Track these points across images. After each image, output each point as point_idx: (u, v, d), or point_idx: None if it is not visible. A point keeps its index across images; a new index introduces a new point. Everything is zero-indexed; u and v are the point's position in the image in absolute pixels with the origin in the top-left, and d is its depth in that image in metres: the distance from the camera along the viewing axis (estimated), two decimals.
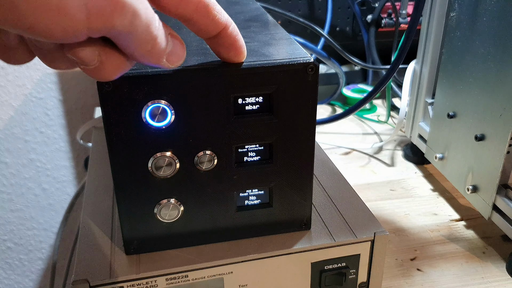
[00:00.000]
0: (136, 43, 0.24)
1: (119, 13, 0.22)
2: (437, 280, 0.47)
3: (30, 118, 0.92)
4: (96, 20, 0.21)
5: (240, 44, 0.30)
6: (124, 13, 0.22)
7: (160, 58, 0.25)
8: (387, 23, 0.82)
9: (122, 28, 0.22)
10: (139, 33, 0.23)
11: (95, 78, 0.25)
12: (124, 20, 0.22)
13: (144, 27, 0.23)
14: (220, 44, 0.29)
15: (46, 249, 1.04)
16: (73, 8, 0.20)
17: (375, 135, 0.75)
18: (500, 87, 0.45)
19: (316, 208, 0.41)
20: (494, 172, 0.47)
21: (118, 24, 0.22)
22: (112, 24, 0.22)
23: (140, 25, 0.23)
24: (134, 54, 0.24)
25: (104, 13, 0.21)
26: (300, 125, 0.34)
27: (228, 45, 0.29)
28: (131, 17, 0.22)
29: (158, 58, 0.25)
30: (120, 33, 0.23)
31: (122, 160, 0.32)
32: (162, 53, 0.25)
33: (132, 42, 0.23)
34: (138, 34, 0.23)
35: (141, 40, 0.23)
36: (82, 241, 0.37)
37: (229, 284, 0.36)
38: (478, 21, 0.48)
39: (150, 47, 0.24)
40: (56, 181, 0.99)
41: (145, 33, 0.23)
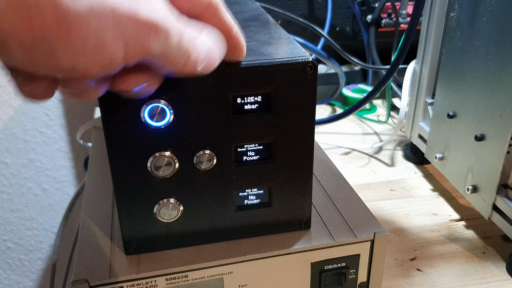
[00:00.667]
0: (170, 62, 0.23)
1: (154, 36, 0.22)
2: (437, 280, 0.47)
3: (30, 118, 0.92)
4: (133, 48, 0.21)
5: (242, 45, 0.30)
6: (158, 35, 0.22)
7: (195, 70, 0.25)
8: (387, 23, 0.82)
9: (157, 51, 0.22)
10: (172, 51, 0.23)
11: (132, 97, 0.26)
12: (159, 42, 0.22)
13: (176, 44, 0.23)
14: None
15: (46, 249, 1.04)
16: (110, 43, 0.20)
17: (375, 135, 0.75)
18: (500, 87, 0.45)
19: (316, 208, 0.41)
20: (494, 172, 0.47)
21: (154, 47, 0.22)
22: (148, 49, 0.22)
23: (173, 42, 0.23)
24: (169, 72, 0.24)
25: (140, 39, 0.21)
26: (299, 124, 0.34)
27: (230, 47, 0.29)
28: (164, 37, 0.22)
29: (193, 70, 0.25)
30: (155, 56, 0.22)
31: (121, 160, 0.32)
32: (196, 64, 0.25)
33: (166, 61, 0.23)
34: (171, 52, 0.23)
35: (174, 57, 0.23)
36: (82, 241, 0.37)
37: (229, 284, 0.36)
38: (478, 21, 0.48)
39: (184, 61, 0.24)
40: (56, 181, 0.99)
41: (177, 49, 0.23)
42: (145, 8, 0.21)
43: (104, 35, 0.20)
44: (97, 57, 0.20)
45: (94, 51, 0.20)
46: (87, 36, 0.19)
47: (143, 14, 0.21)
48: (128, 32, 0.21)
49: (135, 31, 0.21)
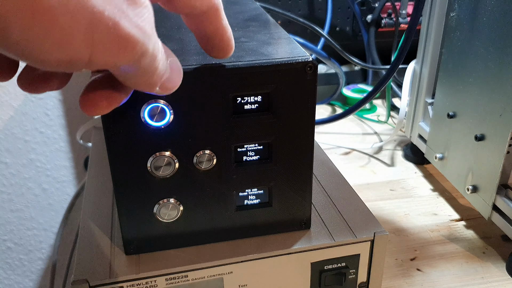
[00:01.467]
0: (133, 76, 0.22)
1: (128, 54, 0.20)
2: (437, 280, 0.47)
3: (30, 118, 0.92)
4: (99, 57, 0.19)
5: (230, 49, 0.29)
6: (134, 54, 0.20)
7: (154, 87, 0.23)
8: (387, 23, 0.82)
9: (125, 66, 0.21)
10: (141, 68, 0.21)
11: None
12: (130, 60, 0.20)
13: (148, 63, 0.21)
14: (212, 45, 0.29)
15: (46, 249, 1.04)
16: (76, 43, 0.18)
17: (375, 135, 0.75)
18: (500, 87, 0.45)
19: (315, 208, 0.41)
20: (494, 172, 0.47)
21: (123, 63, 0.20)
22: (115, 62, 0.20)
23: (145, 62, 0.21)
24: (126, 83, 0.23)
25: (110, 52, 0.19)
26: (299, 124, 0.34)
27: (219, 48, 0.29)
28: (138, 57, 0.20)
29: (152, 87, 0.23)
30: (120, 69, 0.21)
31: (121, 160, 0.32)
32: (158, 82, 0.23)
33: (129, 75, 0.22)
34: (140, 69, 0.21)
35: (140, 74, 0.22)
36: (82, 241, 0.37)
37: (229, 284, 0.36)
38: (478, 21, 0.48)
39: (147, 78, 0.22)
40: (56, 181, 0.99)
41: (147, 67, 0.22)
42: (130, 22, 0.19)
43: (71, 35, 0.18)
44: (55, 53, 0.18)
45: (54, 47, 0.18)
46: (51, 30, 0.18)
47: (125, 28, 0.19)
48: (100, 40, 0.19)
49: (109, 42, 0.19)
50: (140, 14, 0.20)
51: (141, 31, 0.20)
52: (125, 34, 0.19)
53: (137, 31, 0.20)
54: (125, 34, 0.19)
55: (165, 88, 0.24)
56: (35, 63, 0.19)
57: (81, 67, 0.20)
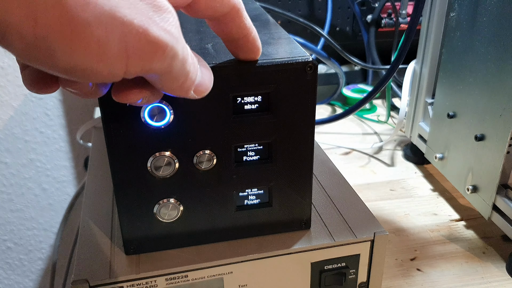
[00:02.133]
0: (169, 81, 0.23)
1: (159, 57, 0.21)
2: (437, 280, 0.47)
3: (30, 118, 0.92)
4: (135, 65, 0.21)
5: (257, 49, 0.30)
6: (165, 57, 0.21)
7: (188, 91, 0.25)
8: (387, 23, 0.82)
9: (160, 71, 0.22)
10: (174, 72, 0.23)
11: None
12: (163, 63, 0.21)
13: (180, 66, 0.23)
14: (239, 47, 0.29)
15: (46, 249, 1.04)
16: (113, 54, 0.20)
17: (375, 135, 0.75)
18: (500, 87, 0.45)
19: (316, 208, 0.41)
20: (494, 172, 0.47)
21: (156, 66, 0.21)
22: (150, 67, 0.21)
23: (176, 65, 0.22)
24: (163, 89, 0.24)
25: (144, 57, 0.21)
26: (299, 124, 0.34)
27: (247, 50, 0.29)
28: (170, 60, 0.22)
29: (187, 91, 0.25)
30: (156, 74, 0.22)
31: (121, 160, 0.32)
32: (191, 86, 0.25)
33: (165, 80, 0.23)
34: (173, 73, 0.23)
35: (174, 78, 0.23)
36: (82, 241, 0.37)
37: (229, 284, 0.36)
38: (478, 21, 0.48)
39: (181, 82, 0.24)
40: (56, 181, 0.99)
41: (179, 71, 0.23)
42: (158, 27, 0.21)
43: (108, 46, 0.19)
44: (96, 65, 0.20)
45: (94, 59, 0.20)
46: (89, 44, 0.19)
47: (154, 33, 0.20)
48: (133, 48, 0.20)
49: (141, 48, 0.20)
50: (165, 19, 0.21)
51: (168, 34, 0.21)
52: (154, 38, 0.20)
53: (165, 35, 0.21)
54: (155, 38, 0.20)
55: (199, 91, 0.26)
56: (78, 77, 0.20)
57: (120, 76, 0.21)
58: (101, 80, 0.21)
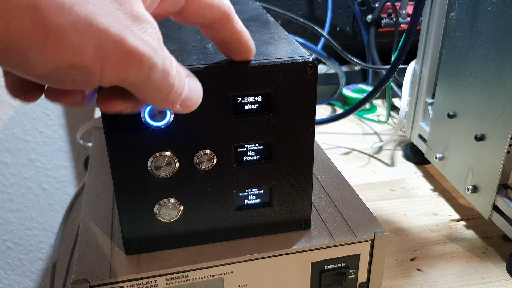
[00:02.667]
0: (149, 93, 0.23)
1: (136, 67, 0.21)
2: (437, 280, 0.47)
3: (30, 118, 0.92)
4: (110, 72, 0.20)
5: (250, 50, 0.30)
6: (141, 67, 0.21)
7: (173, 105, 0.24)
8: (387, 23, 0.82)
9: (137, 81, 0.22)
10: (154, 84, 0.22)
11: None
12: (140, 74, 0.21)
13: (160, 78, 0.22)
14: (232, 50, 0.29)
15: (46, 249, 1.04)
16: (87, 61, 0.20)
17: (375, 135, 0.75)
18: (500, 87, 0.45)
19: (316, 208, 0.41)
20: (494, 172, 0.47)
21: (132, 77, 0.21)
22: (126, 77, 0.21)
23: (156, 77, 0.22)
24: (145, 100, 0.24)
25: (119, 66, 0.20)
26: (299, 124, 0.34)
27: (240, 52, 0.29)
28: (147, 70, 0.21)
29: (171, 105, 0.24)
30: (133, 84, 0.22)
31: (122, 160, 0.32)
32: (177, 100, 0.24)
33: (145, 91, 0.23)
34: (152, 85, 0.22)
35: (155, 90, 0.23)
36: (82, 241, 0.37)
37: (229, 284, 0.36)
38: (478, 21, 0.48)
39: (164, 95, 0.23)
40: (56, 181, 0.99)
41: (160, 83, 0.22)
42: (135, 37, 0.20)
43: (83, 53, 0.19)
44: (70, 72, 0.20)
45: (68, 66, 0.19)
46: (63, 50, 0.19)
47: (130, 43, 0.20)
48: (109, 56, 0.20)
49: (117, 57, 0.20)
50: (144, 29, 0.21)
51: (146, 44, 0.21)
52: (131, 47, 0.20)
53: (142, 45, 0.21)
54: (131, 48, 0.20)
55: (185, 106, 0.25)
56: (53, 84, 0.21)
57: (95, 84, 0.21)
58: (75, 87, 0.21)
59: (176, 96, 0.24)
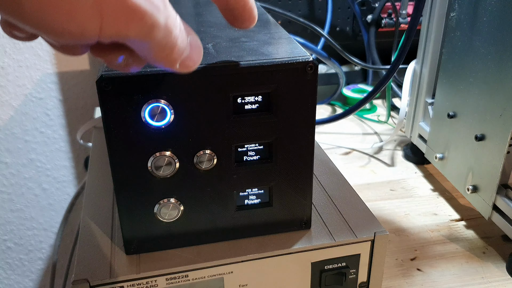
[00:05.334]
0: (151, 51, 0.22)
1: (136, 25, 0.21)
2: (437, 280, 0.47)
3: (30, 118, 0.92)
4: (109, 29, 0.20)
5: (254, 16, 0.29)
6: (142, 24, 0.21)
7: (174, 63, 0.24)
8: (387, 23, 0.82)
9: (137, 38, 0.21)
10: (156, 42, 0.22)
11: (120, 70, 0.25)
12: (141, 31, 0.21)
13: (163, 37, 0.22)
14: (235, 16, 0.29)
15: (46, 249, 1.04)
16: (85, 15, 0.19)
17: (375, 135, 0.75)
18: (500, 87, 0.45)
19: (316, 207, 0.41)
20: (494, 172, 0.47)
21: (133, 34, 0.21)
22: (126, 34, 0.21)
23: (158, 35, 0.22)
24: (147, 58, 0.23)
25: (119, 22, 0.20)
26: (299, 124, 0.34)
27: (243, 19, 0.29)
28: (148, 28, 0.21)
29: (172, 63, 0.24)
30: (134, 41, 0.22)
31: (122, 159, 0.32)
32: (178, 58, 0.24)
33: (147, 49, 0.22)
34: (155, 43, 0.22)
35: (157, 48, 0.22)
36: (82, 241, 0.37)
37: (229, 284, 0.36)
38: (478, 21, 0.48)
39: (166, 54, 0.23)
40: (56, 181, 0.99)
41: (163, 42, 0.22)
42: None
43: (80, 6, 0.19)
44: (67, 25, 0.19)
45: (65, 19, 0.19)
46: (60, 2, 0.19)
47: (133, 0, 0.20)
48: (108, 12, 0.19)
49: (117, 13, 0.20)
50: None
51: (148, 2, 0.21)
52: (132, 4, 0.20)
53: (144, 2, 0.20)
54: (132, 5, 0.20)
55: (185, 66, 0.25)
56: (48, 35, 0.20)
57: (94, 38, 0.20)
58: (73, 40, 0.20)
59: (178, 55, 0.24)
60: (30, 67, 0.88)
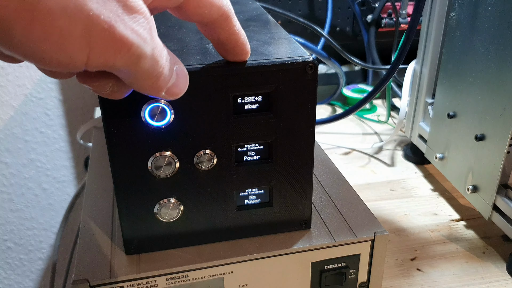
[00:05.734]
0: (138, 79, 0.23)
1: (123, 55, 0.21)
2: (437, 280, 0.47)
3: (30, 118, 0.92)
4: (97, 59, 0.20)
5: (246, 52, 0.30)
6: (129, 55, 0.21)
7: (160, 91, 0.24)
8: (387, 23, 0.82)
9: (124, 68, 0.22)
10: (143, 72, 0.22)
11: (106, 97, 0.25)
12: (128, 61, 0.21)
13: (149, 66, 0.22)
14: (227, 50, 0.29)
15: (46, 249, 1.04)
16: (73, 45, 0.19)
17: (375, 135, 0.75)
18: (500, 87, 0.45)
19: (316, 207, 0.41)
20: (494, 172, 0.47)
21: (120, 64, 0.21)
22: (114, 64, 0.21)
23: (145, 65, 0.22)
24: (133, 86, 0.24)
25: (106, 53, 0.20)
26: (299, 124, 0.34)
27: (235, 53, 0.30)
28: (135, 59, 0.21)
29: (158, 91, 0.24)
30: (121, 71, 0.22)
31: (122, 160, 0.32)
32: (164, 86, 0.24)
33: (133, 78, 0.23)
34: (141, 73, 0.22)
35: (144, 77, 0.23)
36: (82, 241, 0.37)
37: (229, 284, 0.36)
38: (478, 21, 0.48)
39: (152, 82, 0.23)
40: (56, 181, 0.99)
41: (149, 71, 0.23)
42: (125, 26, 0.20)
43: (70, 37, 0.19)
44: (56, 54, 0.20)
45: (54, 49, 0.19)
46: (50, 33, 0.19)
47: (120, 31, 0.20)
48: (96, 42, 0.20)
49: (105, 44, 0.20)
50: (135, 19, 0.21)
51: (135, 34, 0.21)
52: (120, 36, 0.20)
53: (131, 34, 0.21)
54: (120, 36, 0.20)
55: (171, 93, 0.25)
56: (37, 63, 0.20)
57: (81, 67, 0.21)
58: (61, 69, 0.21)
59: (163, 83, 0.24)
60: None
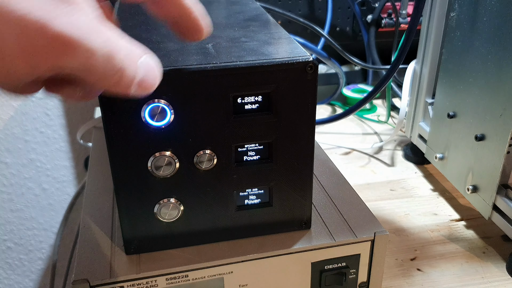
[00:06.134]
0: (96, 78, 0.20)
1: (70, 54, 0.19)
2: (437, 280, 0.47)
3: (30, 118, 0.92)
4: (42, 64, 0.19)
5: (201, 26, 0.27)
6: (75, 54, 0.19)
7: (128, 89, 0.22)
8: (387, 23, 0.82)
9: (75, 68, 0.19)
10: (98, 69, 0.20)
11: None
12: (75, 61, 0.19)
13: (104, 64, 0.20)
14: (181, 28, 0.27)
15: (46, 249, 1.04)
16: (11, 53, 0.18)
17: (375, 135, 0.75)
18: (500, 87, 0.45)
19: (316, 207, 0.41)
20: (494, 172, 0.47)
21: (71, 65, 0.19)
22: (64, 65, 0.19)
23: (98, 63, 0.20)
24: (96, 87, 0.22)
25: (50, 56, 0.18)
26: (299, 124, 0.34)
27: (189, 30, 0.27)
28: (84, 57, 0.19)
29: (126, 89, 0.22)
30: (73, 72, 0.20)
31: (122, 159, 0.32)
32: (131, 83, 0.22)
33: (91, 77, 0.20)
34: (97, 70, 0.20)
35: (102, 76, 0.20)
36: (82, 241, 0.37)
37: (229, 284, 0.36)
38: (478, 21, 0.48)
39: (115, 81, 0.21)
40: (56, 181, 0.99)
41: (106, 68, 0.20)
42: (61, 21, 0.18)
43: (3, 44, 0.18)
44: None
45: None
46: None
47: (56, 28, 0.18)
48: (35, 45, 0.18)
49: (45, 45, 0.18)
50: (73, 12, 0.19)
51: (77, 28, 0.19)
52: (57, 34, 0.18)
53: (72, 29, 0.19)
54: (58, 34, 0.18)
55: (142, 88, 0.23)
56: None
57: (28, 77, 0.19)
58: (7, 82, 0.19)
59: (129, 80, 0.21)
60: None
